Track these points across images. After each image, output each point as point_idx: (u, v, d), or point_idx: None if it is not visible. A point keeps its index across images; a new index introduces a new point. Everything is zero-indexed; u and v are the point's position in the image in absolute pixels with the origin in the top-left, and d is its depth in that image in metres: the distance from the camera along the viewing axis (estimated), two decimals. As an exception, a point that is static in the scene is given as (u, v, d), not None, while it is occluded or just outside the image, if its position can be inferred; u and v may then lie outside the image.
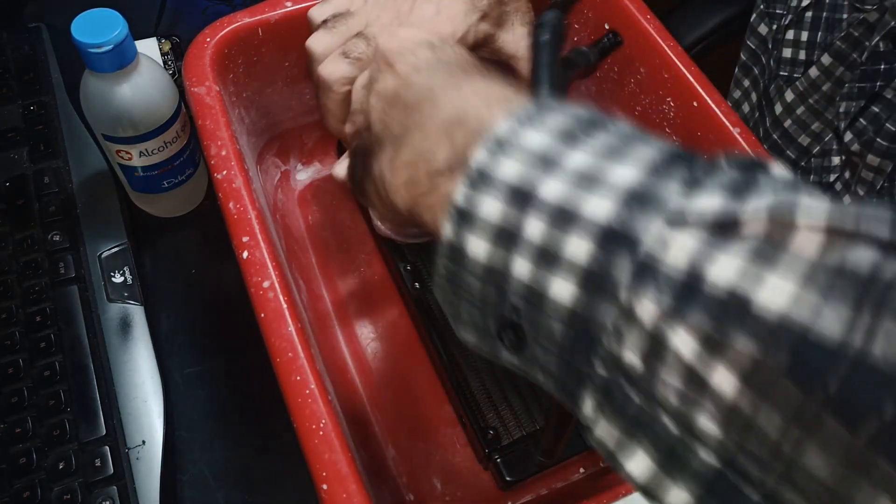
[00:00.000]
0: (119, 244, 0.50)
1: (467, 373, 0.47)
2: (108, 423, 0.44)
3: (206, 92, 0.44)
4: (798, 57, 0.58)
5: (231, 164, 0.41)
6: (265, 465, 0.46)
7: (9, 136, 0.54)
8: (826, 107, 0.55)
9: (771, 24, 0.61)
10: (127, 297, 0.49)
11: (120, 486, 0.42)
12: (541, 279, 0.22)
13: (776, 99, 0.60)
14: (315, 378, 0.34)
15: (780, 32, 0.59)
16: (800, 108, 0.57)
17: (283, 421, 0.47)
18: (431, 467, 0.46)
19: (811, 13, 0.56)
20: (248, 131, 0.52)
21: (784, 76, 0.59)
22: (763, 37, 0.62)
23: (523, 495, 0.46)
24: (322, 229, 0.55)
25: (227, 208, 0.39)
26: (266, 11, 0.47)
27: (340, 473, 0.32)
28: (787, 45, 0.58)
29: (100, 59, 0.42)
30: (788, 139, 0.59)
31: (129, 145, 0.47)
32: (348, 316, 0.51)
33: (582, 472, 0.47)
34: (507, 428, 0.45)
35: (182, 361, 0.49)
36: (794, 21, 0.57)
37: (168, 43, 0.61)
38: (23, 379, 0.44)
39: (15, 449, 0.42)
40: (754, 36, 0.63)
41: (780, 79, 0.59)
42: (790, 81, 0.58)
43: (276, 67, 0.51)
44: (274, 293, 0.37)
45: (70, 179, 0.53)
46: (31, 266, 0.49)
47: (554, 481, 0.46)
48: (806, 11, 0.56)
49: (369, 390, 0.49)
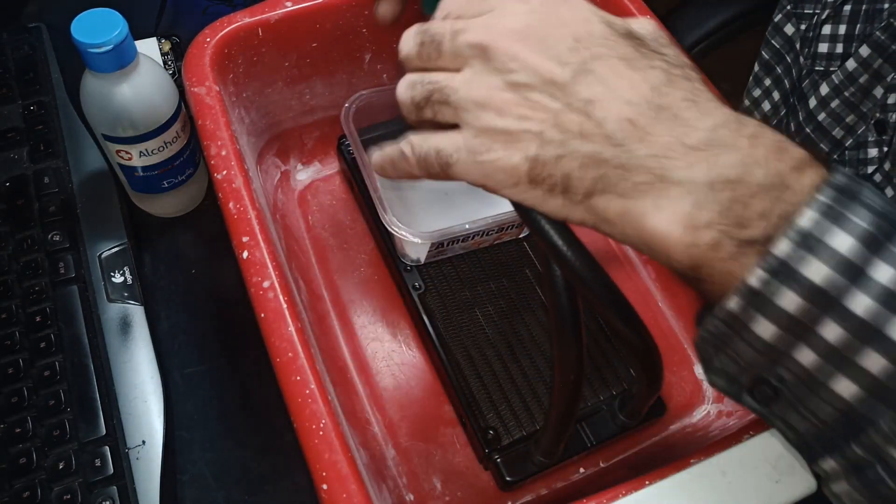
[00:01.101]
0: (119, 244, 0.50)
1: (467, 373, 0.47)
2: (108, 423, 0.44)
3: (206, 92, 0.44)
4: (835, 51, 0.57)
5: (231, 164, 0.41)
6: (265, 465, 0.46)
7: (9, 136, 0.54)
8: (862, 99, 0.54)
9: (799, 23, 0.60)
10: (127, 297, 0.49)
11: (120, 486, 0.42)
12: (826, 372, 0.24)
13: (810, 94, 0.59)
14: (315, 378, 0.34)
15: (814, 29, 0.58)
16: (834, 101, 0.56)
17: (283, 421, 0.47)
18: (431, 467, 0.46)
19: (850, 6, 0.55)
20: (248, 131, 0.52)
21: (820, 70, 0.58)
22: (789, 36, 0.62)
23: (523, 495, 0.46)
24: (322, 229, 0.55)
25: (227, 208, 0.39)
26: (266, 11, 0.47)
27: (340, 473, 0.32)
28: (824, 40, 0.57)
29: (100, 59, 0.42)
30: (822, 132, 0.59)
31: (129, 145, 0.47)
32: (348, 316, 0.51)
33: (582, 472, 0.47)
34: (507, 428, 0.45)
35: (182, 361, 0.49)
36: (830, 16, 0.56)
37: (168, 43, 0.61)
38: (23, 379, 0.44)
39: (15, 449, 0.42)
40: (779, 35, 0.63)
41: (816, 73, 0.59)
42: (826, 75, 0.57)
43: (276, 67, 0.51)
44: (274, 293, 0.37)
45: (70, 179, 0.53)
46: (31, 266, 0.49)
47: (554, 481, 0.46)
48: (844, 5, 0.56)
49: (369, 390, 0.49)
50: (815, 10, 0.59)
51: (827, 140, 0.58)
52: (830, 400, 0.24)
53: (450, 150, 0.30)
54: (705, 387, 0.51)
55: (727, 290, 0.25)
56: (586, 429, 0.45)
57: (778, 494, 0.34)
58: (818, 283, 0.23)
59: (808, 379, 0.25)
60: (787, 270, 0.23)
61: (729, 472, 0.34)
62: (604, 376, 0.48)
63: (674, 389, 0.51)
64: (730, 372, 0.27)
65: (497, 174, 0.29)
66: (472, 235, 0.49)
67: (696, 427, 0.49)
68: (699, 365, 0.51)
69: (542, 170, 0.28)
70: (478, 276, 0.51)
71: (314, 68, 0.52)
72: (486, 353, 0.48)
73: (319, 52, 0.51)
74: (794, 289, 0.23)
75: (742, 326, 0.25)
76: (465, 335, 0.48)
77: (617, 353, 0.49)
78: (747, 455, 0.34)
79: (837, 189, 0.24)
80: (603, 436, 0.45)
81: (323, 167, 0.58)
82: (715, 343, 0.27)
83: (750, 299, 0.24)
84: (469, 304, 0.50)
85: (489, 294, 0.51)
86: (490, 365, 0.47)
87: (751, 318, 0.25)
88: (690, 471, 0.34)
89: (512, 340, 0.49)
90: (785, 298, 0.24)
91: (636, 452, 0.48)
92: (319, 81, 0.54)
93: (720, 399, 0.50)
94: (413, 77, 0.31)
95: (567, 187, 0.27)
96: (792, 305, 0.23)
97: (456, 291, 0.50)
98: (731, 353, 0.26)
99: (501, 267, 0.52)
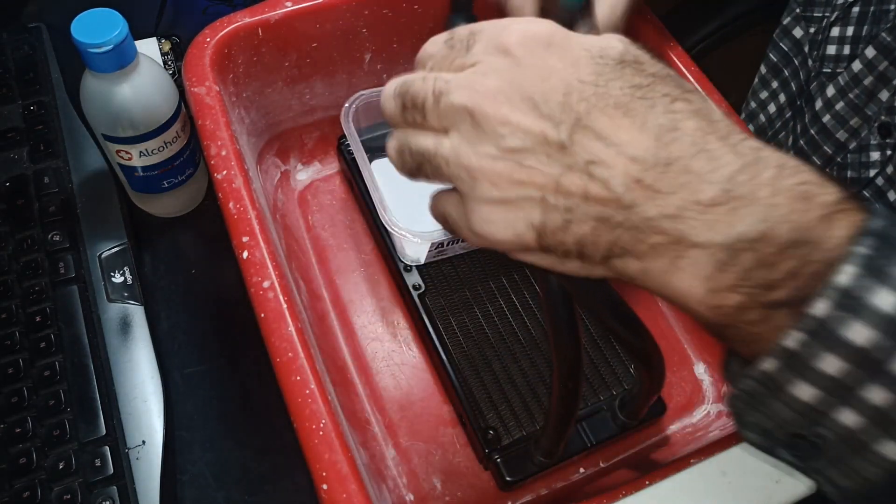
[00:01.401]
0: (119, 244, 0.50)
1: (467, 373, 0.47)
2: (108, 423, 0.44)
3: (206, 92, 0.44)
4: (842, 52, 0.56)
5: (231, 164, 0.41)
6: (265, 465, 0.46)
7: (9, 136, 0.54)
8: (867, 102, 0.54)
9: (808, 26, 0.60)
10: (127, 297, 0.49)
11: (120, 486, 0.42)
12: (872, 435, 0.23)
13: (817, 95, 0.59)
14: (315, 378, 0.34)
15: (822, 32, 0.58)
16: (839, 103, 0.56)
17: (283, 421, 0.47)
18: (431, 467, 0.46)
19: (858, 8, 0.55)
20: (248, 131, 0.52)
21: (827, 73, 0.57)
22: (798, 39, 0.61)
23: (523, 495, 0.46)
24: (322, 229, 0.55)
25: (227, 208, 0.39)
26: (266, 11, 0.47)
27: (340, 473, 0.32)
28: (832, 42, 0.57)
29: (100, 59, 0.42)
30: (826, 134, 0.58)
31: (129, 145, 0.47)
32: (348, 316, 0.51)
33: (582, 472, 0.47)
34: (507, 428, 0.45)
35: (182, 361, 0.49)
36: (839, 18, 0.56)
37: (168, 43, 0.61)
38: (23, 379, 0.44)
39: (15, 449, 0.42)
40: (787, 38, 0.63)
41: (823, 76, 0.58)
42: (832, 77, 0.57)
43: (276, 67, 0.51)
44: (274, 293, 0.37)
45: (70, 179, 0.53)
46: (31, 266, 0.49)
47: (554, 481, 0.46)
48: (853, 7, 0.55)
49: (369, 390, 0.49)
50: (825, 12, 0.58)
51: (830, 142, 0.58)
52: (877, 461, 0.23)
53: (454, 216, 0.29)
54: (705, 387, 0.51)
55: (760, 348, 0.24)
56: (586, 429, 0.45)
57: (778, 494, 0.34)
58: (861, 344, 0.22)
59: (852, 440, 0.23)
60: (827, 332, 0.22)
61: (729, 472, 0.34)
62: (604, 376, 0.48)
63: (674, 389, 0.51)
64: (765, 427, 0.26)
65: (502, 244, 0.27)
66: (472, 235, 0.49)
67: (696, 427, 0.49)
68: (699, 365, 0.51)
69: (551, 237, 0.26)
70: (478, 276, 0.51)
71: (314, 68, 0.52)
72: (486, 353, 0.48)
73: (319, 52, 0.51)
74: (835, 352, 0.22)
75: (779, 388, 0.24)
76: (465, 335, 0.48)
77: (617, 354, 0.49)
78: (747, 455, 0.34)
79: (876, 236, 0.22)
80: (603, 436, 0.45)
81: (323, 167, 0.58)
82: (748, 401, 0.25)
83: (787, 361, 0.23)
84: (469, 304, 0.50)
85: (489, 294, 0.51)
86: (490, 365, 0.47)
87: (788, 380, 0.23)
88: (690, 471, 0.34)
89: (512, 340, 0.49)
90: (825, 361, 0.22)
91: (636, 452, 0.48)
92: (319, 81, 0.54)
93: (720, 399, 0.50)
94: (400, 140, 0.29)
95: (582, 253, 0.26)
96: (833, 368, 0.22)
97: (456, 291, 0.50)
98: (766, 411, 0.25)
99: (501, 267, 0.52)
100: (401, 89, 0.29)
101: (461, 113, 0.26)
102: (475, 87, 0.26)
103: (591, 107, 0.25)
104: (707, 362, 0.52)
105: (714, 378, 0.51)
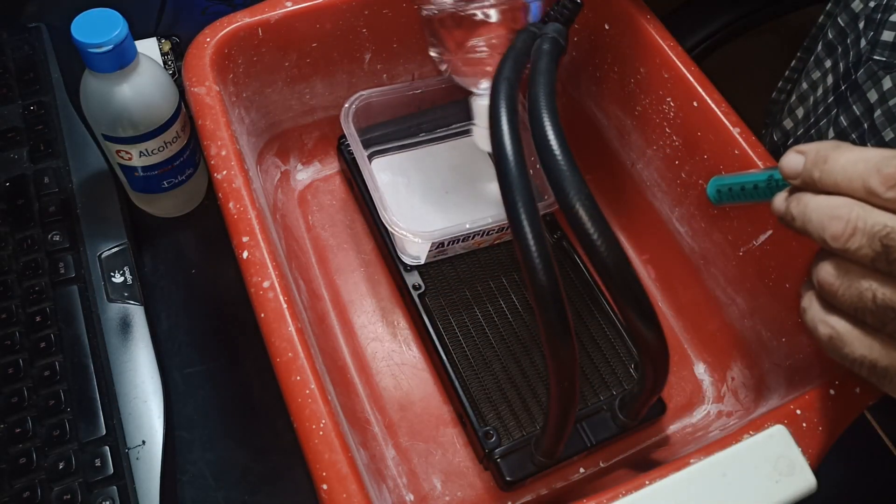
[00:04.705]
0: (119, 244, 0.51)
1: (467, 373, 0.47)
2: (108, 423, 0.44)
3: (206, 92, 0.44)
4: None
5: (231, 164, 0.41)
6: (265, 465, 0.46)
7: (9, 136, 0.54)
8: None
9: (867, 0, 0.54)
10: (127, 297, 0.49)
11: (120, 486, 0.42)
12: None
13: (867, 86, 0.53)
14: (315, 378, 0.34)
15: (883, 12, 0.51)
16: (893, 99, 0.50)
17: (283, 421, 0.47)
18: (431, 467, 0.46)
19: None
20: (248, 131, 0.52)
21: (882, 61, 0.51)
22: (856, 13, 0.55)
23: (523, 495, 0.46)
24: (322, 229, 0.55)
25: (227, 208, 0.39)
26: (266, 11, 0.47)
27: (340, 473, 0.32)
28: (891, 27, 0.51)
29: (100, 59, 0.42)
30: (873, 132, 0.53)
31: (129, 145, 0.47)
32: (348, 316, 0.51)
33: (582, 472, 0.47)
34: (507, 428, 0.45)
35: (182, 361, 0.49)
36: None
37: (168, 43, 0.61)
38: (23, 379, 0.44)
39: (15, 449, 0.42)
40: (845, 12, 0.56)
41: (876, 64, 0.52)
42: (889, 68, 0.51)
43: (276, 67, 0.51)
44: (274, 293, 0.37)
45: (70, 179, 0.53)
46: (31, 266, 0.49)
47: (554, 481, 0.46)
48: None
49: (369, 390, 0.49)
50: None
51: (875, 141, 0.53)
52: None
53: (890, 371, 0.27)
54: (705, 387, 0.51)
55: None
56: (586, 429, 0.45)
57: (778, 494, 0.33)
58: None
59: None
60: None
61: (729, 472, 0.34)
62: (604, 376, 0.48)
63: (674, 389, 0.51)
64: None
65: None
66: (472, 235, 0.49)
67: (696, 427, 0.49)
68: (699, 365, 0.51)
69: None
70: (478, 276, 0.51)
71: (314, 68, 0.52)
72: (485, 353, 0.48)
73: (319, 52, 0.51)
74: None
75: None
76: (465, 335, 0.48)
77: (617, 354, 0.49)
78: (747, 455, 0.34)
79: None
80: (603, 436, 0.45)
81: (323, 167, 0.58)
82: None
83: None
84: (469, 304, 0.50)
85: (489, 294, 0.51)
86: (490, 365, 0.47)
87: None
88: (690, 471, 0.34)
89: (512, 340, 0.49)
90: None
91: (636, 452, 0.48)
92: (319, 81, 0.54)
93: (720, 399, 0.50)
94: (865, 287, 0.27)
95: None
96: None
97: (456, 291, 0.50)
98: None
99: (501, 267, 0.52)
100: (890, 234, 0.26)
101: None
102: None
103: None
104: (707, 362, 0.52)
105: (714, 378, 0.51)
